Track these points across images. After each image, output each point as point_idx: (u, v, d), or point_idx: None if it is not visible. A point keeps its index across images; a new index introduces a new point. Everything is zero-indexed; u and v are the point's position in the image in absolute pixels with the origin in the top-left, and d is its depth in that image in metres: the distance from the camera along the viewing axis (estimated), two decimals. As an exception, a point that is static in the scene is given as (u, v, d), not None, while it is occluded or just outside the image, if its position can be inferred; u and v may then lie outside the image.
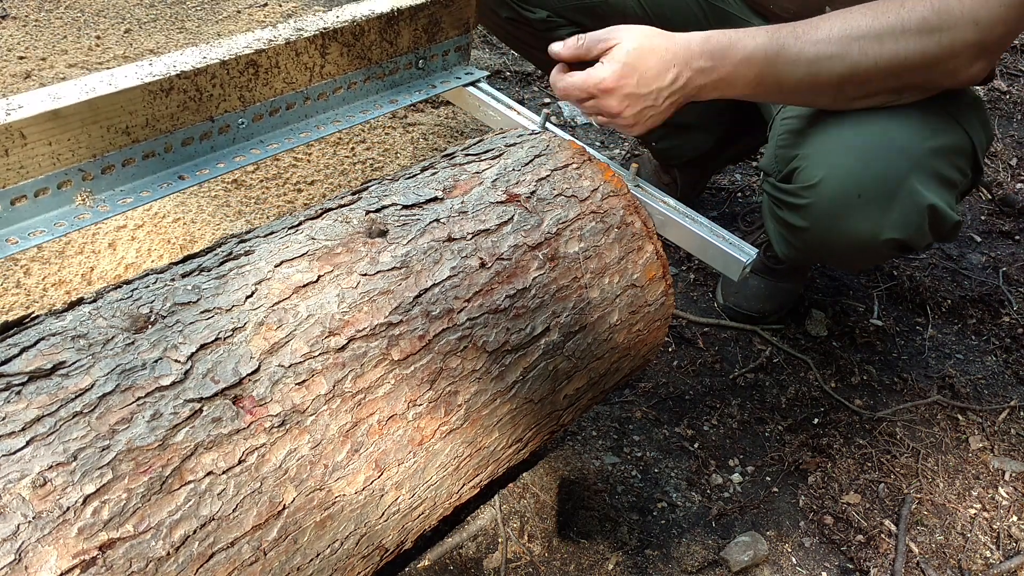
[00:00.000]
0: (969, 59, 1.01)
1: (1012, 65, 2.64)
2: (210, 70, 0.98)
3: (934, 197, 1.07)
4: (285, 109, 1.09)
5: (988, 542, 1.28)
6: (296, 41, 1.06)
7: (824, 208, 1.09)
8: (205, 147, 1.03)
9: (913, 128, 1.06)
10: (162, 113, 0.96)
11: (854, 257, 1.17)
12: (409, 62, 1.22)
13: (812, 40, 1.02)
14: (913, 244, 1.11)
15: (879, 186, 1.05)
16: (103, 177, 0.94)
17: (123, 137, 0.94)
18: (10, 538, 0.57)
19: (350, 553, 0.78)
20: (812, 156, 1.10)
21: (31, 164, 0.87)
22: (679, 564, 1.21)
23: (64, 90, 0.89)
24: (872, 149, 1.06)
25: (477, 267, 0.87)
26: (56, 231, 0.90)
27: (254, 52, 1.02)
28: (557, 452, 1.34)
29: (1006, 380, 1.56)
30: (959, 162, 1.11)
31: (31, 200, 0.89)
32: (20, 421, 0.62)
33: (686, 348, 1.57)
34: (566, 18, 1.49)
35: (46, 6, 2.32)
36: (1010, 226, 1.95)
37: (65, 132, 0.89)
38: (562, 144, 1.07)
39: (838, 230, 1.10)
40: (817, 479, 1.34)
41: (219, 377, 0.69)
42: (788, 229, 1.17)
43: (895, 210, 1.06)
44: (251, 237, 0.84)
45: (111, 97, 0.91)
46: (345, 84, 1.15)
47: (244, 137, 1.06)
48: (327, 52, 1.10)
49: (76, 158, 0.91)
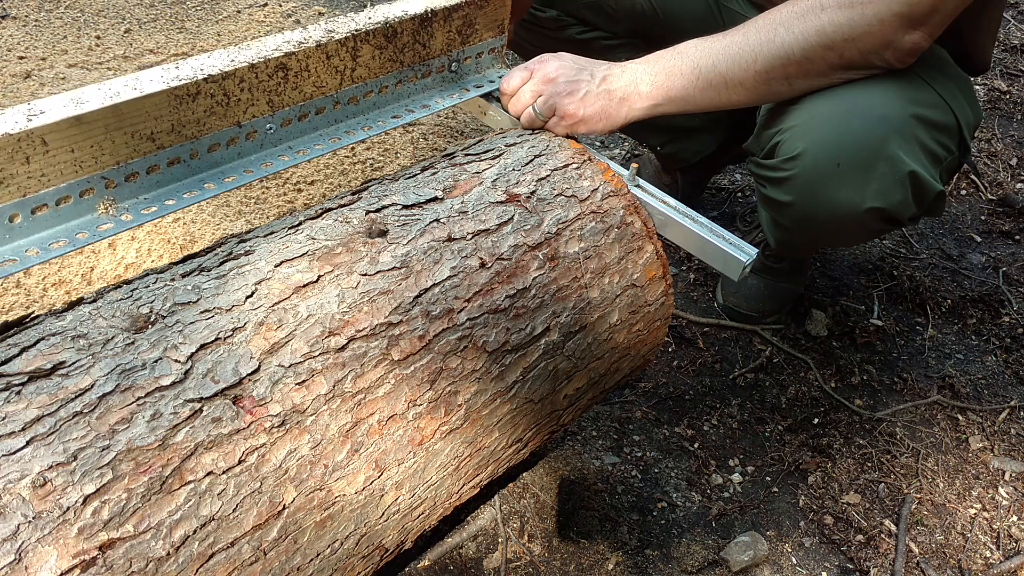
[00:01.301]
0: (897, 29, 1.03)
1: (1012, 65, 2.64)
2: (238, 74, 0.95)
3: (915, 164, 1.07)
4: (315, 114, 1.06)
5: (988, 542, 1.28)
6: (327, 43, 1.02)
7: (806, 179, 1.10)
8: (232, 153, 0.99)
9: (892, 97, 1.07)
10: (188, 118, 0.93)
11: (840, 231, 1.17)
12: (442, 65, 1.18)
13: (740, 34, 1.07)
14: (897, 214, 1.11)
15: (859, 153, 1.06)
16: (126, 185, 0.91)
17: (148, 143, 0.91)
18: (10, 538, 0.57)
19: (350, 553, 0.78)
20: (792, 129, 1.11)
21: (53, 172, 0.84)
22: (679, 564, 1.21)
23: (88, 95, 0.86)
24: (851, 118, 1.07)
25: (477, 267, 0.87)
26: (78, 241, 0.86)
27: (283, 55, 0.98)
28: (557, 452, 1.34)
29: (1006, 380, 1.56)
30: (943, 138, 1.12)
31: (52, 209, 0.85)
32: (20, 421, 0.62)
33: (686, 348, 1.57)
34: (576, 17, 1.49)
35: (46, 6, 2.32)
36: (1010, 226, 1.95)
37: (88, 139, 0.85)
38: (562, 144, 1.07)
39: (821, 201, 1.11)
40: (817, 479, 1.34)
41: (219, 377, 0.69)
42: (774, 208, 1.18)
43: (876, 178, 1.07)
44: (251, 237, 0.84)
45: (136, 102, 0.87)
46: (376, 88, 1.11)
47: (272, 143, 1.03)
48: (358, 55, 1.06)
49: (99, 165, 0.87)
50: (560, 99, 1.09)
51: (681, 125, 1.62)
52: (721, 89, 1.09)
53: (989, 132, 2.29)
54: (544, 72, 1.11)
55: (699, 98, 1.10)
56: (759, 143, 1.19)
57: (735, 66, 1.07)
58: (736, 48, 1.07)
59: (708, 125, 1.63)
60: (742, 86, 1.08)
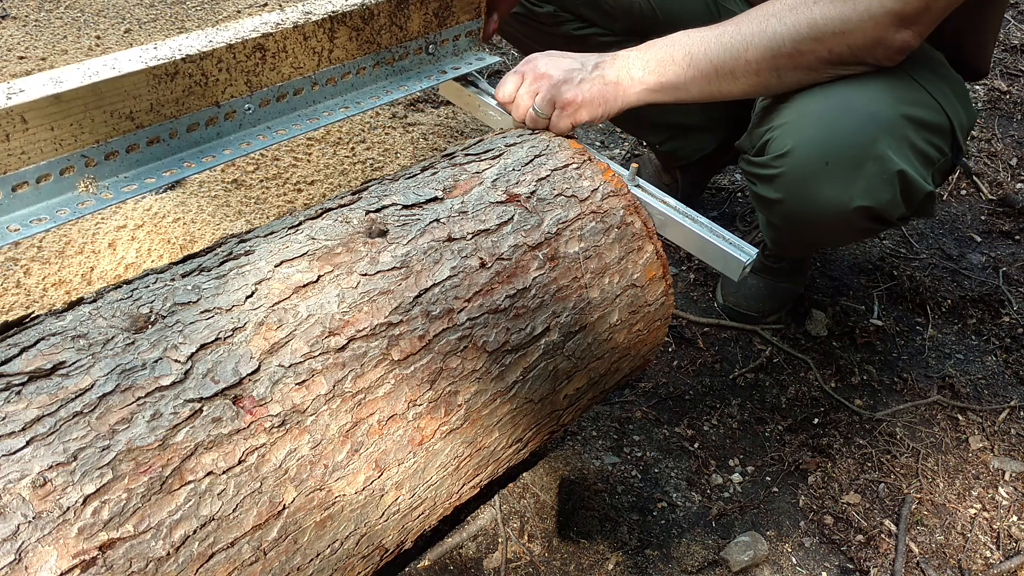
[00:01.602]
0: (888, 26, 1.03)
1: (1012, 65, 2.64)
2: (216, 54, 0.96)
3: (904, 163, 1.07)
4: (292, 95, 1.07)
5: (988, 542, 1.28)
6: (304, 25, 1.03)
7: (795, 177, 1.10)
8: (211, 133, 1.01)
9: (882, 96, 1.07)
10: (167, 98, 0.94)
11: (829, 229, 1.17)
12: (419, 47, 1.20)
13: (733, 25, 1.07)
14: (885, 214, 1.11)
15: (847, 152, 1.06)
16: (106, 163, 0.92)
17: (127, 122, 0.92)
18: (10, 538, 0.57)
19: (350, 553, 0.78)
20: (782, 127, 1.11)
21: (33, 150, 0.85)
22: (679, 564, 1.21)
23: (66, 74, 0.87)
24: (840, 116, 1.07)
25: (477, 267, 0.87)
26: (58, 218, 0.87)
27: (261, 36, 1.00)
28: (557, 452, 1.34)
29: (1006, 380, 1.56)
30: (935, 139, 1.12)
31: (33, 186, 0.87)
32: (20, 421, 0.62)
33: (686, 348, 1.57)
34: (573, 13, 1.49)
35: (46, 6, 2.32)
36: (1010, 226, 1.95)
37: (68, 117, 0.86)
38: (562, 144, 1.07)
39: (809, 199, 1.11)
40: (817, 479, 1.34)
41: (219, 377, 0.69)
42: (765, 206, 1.18)
43: (863, 176, 1.07)
44: (251, 237, 0.84)
45: (115, 81, 0.88)
46: (354, 69, 1.13)
47: (251, 123, 1.04)
48: (336, 36, 1.08)
49: (79, 144, 0.89)
50: (557, 90, 1.09)
51: (680, 123, 1.62)
52: (712, 78, 1.09)
53: (989, 132, 2.29)
54: (535, 70, 1.12)
55: (692, 87, 1.10)
56: (751, 141, 1.20)
57: (726, 55, 1.07)
58: (728, 37, 1.07)
59: (707, 124, 1.63)
60: (732, 75, 1.08)
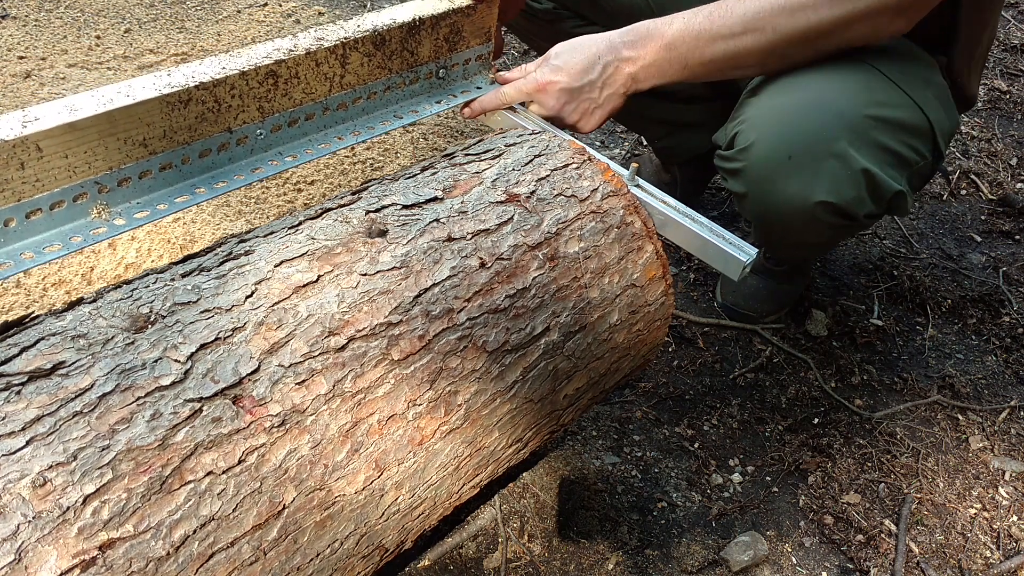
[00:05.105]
0: (889, 19, 1.04)
1: (1012, 65, 2.64)
2: (229, 81, 0.97)
3: (868, 162, 1.07)
4: (304, 120, 1.08)
5: (988, 542, 1.28)
6: (316, 51, 1.04)
7: (758, 170, 1.10)
8: (223, 158, 1.01)
9: (852, 95, 1.07)
10: (180, 125, 0.95)
11: (797, 226, 1.16)
12: (430, 71, 1.21)
13: (727, 23, 1.07)
14: (851, 211, 1.10)
15: (809, 147, 1.06)
16: (119, 189, 0.93)
17: (140, 149, 0.92)
18: (10, 538, 0.57)
19: (350, 553, 0.78)
20: (749, 120, 1.12)
21: (47, 177, 0.86)
22: (679, 564, 1.21)
23: (81, 102, 0.88)
24: (805, 111, 1.07)
25: (477, 267, 0.87)
26: (72, 245, 0.88)
27: (274, 63, 1.00)
28: (557, 452, 1.34)
29: (1006, 380, 1.56)
30: (912, 140, 1.11)
31: (46, 213, 0.87)
32: (20, 421, 0.62)
33: (686, 348, 1.57)
34: (571, 10, 1.49)
35: (46, 6, 2.32)
36: (1010, 226, 1.95)
37: (82, 144, 0.87)
38: (562, 144, 1.07)
39: (772, 193, 1.11)
40: (817, 479, 1.34)
41: (219, 377, 0.69)
42: (737, 201, 1.19)
43: (825, 172, 1.07)
44: (251, 237, 0.84)
45: (129, 109, 0.89)
46: (365, 94, 1.13)
47: (262, 148, 1.05)
48: (347, 62, 1.08)
49: (92, 170, 0.89)
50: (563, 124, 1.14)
51: (678, 120, 1.62)
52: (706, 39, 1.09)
53: (989, 132, 2.29)
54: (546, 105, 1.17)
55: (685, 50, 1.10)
56: (724, 135, 1.20)
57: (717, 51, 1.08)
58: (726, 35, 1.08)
59: (707, 121, 1.63)
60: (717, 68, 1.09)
